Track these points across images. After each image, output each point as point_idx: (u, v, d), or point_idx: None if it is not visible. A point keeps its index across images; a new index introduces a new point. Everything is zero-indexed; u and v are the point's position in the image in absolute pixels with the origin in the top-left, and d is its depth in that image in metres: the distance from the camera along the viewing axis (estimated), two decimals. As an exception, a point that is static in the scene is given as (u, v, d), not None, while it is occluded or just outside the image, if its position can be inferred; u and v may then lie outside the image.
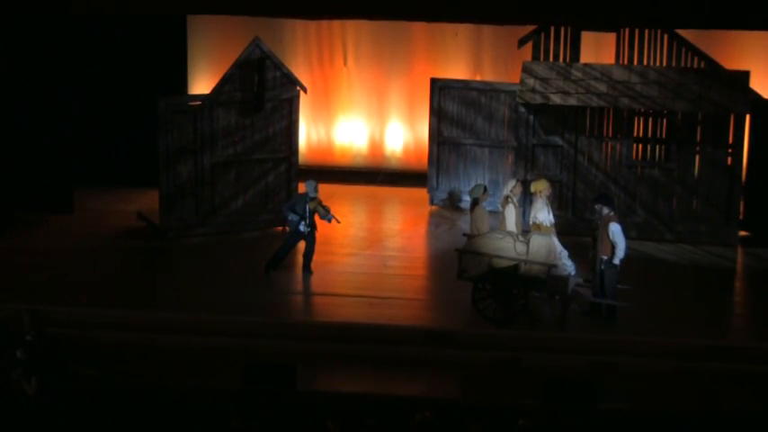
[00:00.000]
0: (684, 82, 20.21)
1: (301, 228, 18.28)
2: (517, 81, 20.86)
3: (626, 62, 20.72)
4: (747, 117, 20.12)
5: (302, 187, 19.03)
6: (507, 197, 17.42)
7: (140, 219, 20.95)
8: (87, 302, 17.12)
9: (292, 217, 18.29)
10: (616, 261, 16.44)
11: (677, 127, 20.41)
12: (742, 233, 20.53)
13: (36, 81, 20.81)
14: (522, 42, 21.16)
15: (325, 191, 19.19)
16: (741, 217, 20.51)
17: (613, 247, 16.43)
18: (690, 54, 20.57)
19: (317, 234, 18.52)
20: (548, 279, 16.56)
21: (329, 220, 18.47)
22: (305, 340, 16.28)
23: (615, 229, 16.44)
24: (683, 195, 20.51)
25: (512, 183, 17.68)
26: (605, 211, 16.63)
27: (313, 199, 18.33)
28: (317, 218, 18.42)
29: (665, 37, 20.63)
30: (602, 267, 16.51)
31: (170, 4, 21.14)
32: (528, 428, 11.96)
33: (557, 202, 20.21)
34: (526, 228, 17.91)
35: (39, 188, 21.00)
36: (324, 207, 18.43)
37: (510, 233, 16.95)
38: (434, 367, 15.75)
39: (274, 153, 20.82)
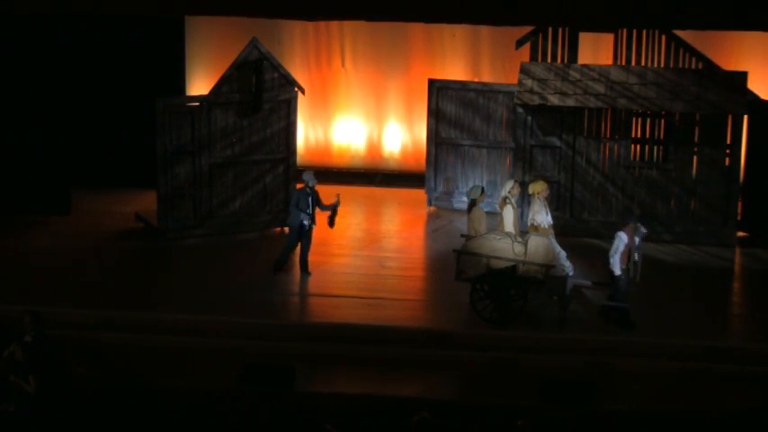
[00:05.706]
0: (682, 83, 20.21)
1: (305, 222, 18.23)
2: (515, 82, 20.86)
3: (624, 63, 20.71)
4: (745, 118, 20.14)
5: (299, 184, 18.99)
6: (505, 198, 17.43)
7: (138, 220, 20.95)
8: (85, 303, 17.11)
9: (303, 216, 18.17)
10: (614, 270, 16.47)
11: (675, 128, 20.42)
12: (740, 234, 20.53)
13: (34, 82, 20.79)
14: (519, 43, 21.14)
15: (325, 191, 19.15)
16: (739, 218, 20.52)
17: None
18: (687, 55, 20.56)
19: (313, 233, 18.49)
20: (546, 280, 16.57)
21: (335, 210, 18.34)
22: (303, 341, 16.28)
23: (618, 236, 16.46)
24: (681, 196, 20.51)
25: (509, 184, 17.68)
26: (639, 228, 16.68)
27: (314, 191, 18.28)
28: (317, 212, 18.37)
29: (663, 38, 20.62)
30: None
31: (168, 5, 21.09)
32: (526, 429, 11.97)
33: (554, 203, 20.21)
34: (524, 229, 17.91)
35: (36, 189, 20.97)
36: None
37: (508, 234, 16.95)
38: (432, 368, 15.74)
39: (272, 154, 20.81)
